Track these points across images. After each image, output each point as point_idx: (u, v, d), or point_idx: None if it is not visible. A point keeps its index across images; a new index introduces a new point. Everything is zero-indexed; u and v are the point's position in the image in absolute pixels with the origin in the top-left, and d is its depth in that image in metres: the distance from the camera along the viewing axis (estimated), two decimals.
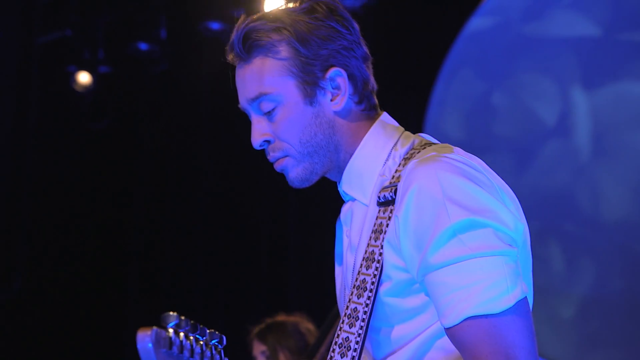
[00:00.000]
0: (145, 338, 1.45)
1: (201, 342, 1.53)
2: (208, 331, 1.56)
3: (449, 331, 1.64)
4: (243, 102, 1.84)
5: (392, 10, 5.81)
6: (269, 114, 1.79)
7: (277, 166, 1.83)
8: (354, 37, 1.83)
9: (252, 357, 3.58)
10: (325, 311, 3.61)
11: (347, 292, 1.79)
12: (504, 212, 1.65)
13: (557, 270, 5.06)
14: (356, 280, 1.72)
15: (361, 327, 1.68)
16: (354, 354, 1.68)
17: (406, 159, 1.75)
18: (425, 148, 1.75)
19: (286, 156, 1.80)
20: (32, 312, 6.28)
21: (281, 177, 5.84)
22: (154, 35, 6.16)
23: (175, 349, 1.47)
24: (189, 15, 6.01)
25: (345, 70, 1.80)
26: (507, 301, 1.61)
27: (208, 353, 1.54)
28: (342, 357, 1.69)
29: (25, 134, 6.40)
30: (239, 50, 1.80)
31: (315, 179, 1.83)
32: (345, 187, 1.84)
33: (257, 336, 3.58)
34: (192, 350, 1.51)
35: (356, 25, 1.84)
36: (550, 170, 5.20)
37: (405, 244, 1.64)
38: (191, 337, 1.52)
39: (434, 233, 1.62)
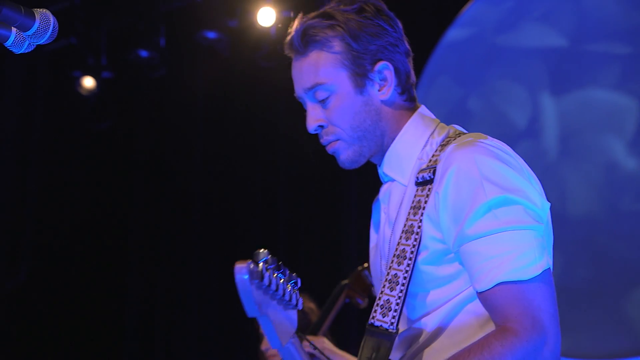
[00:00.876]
0: (242, 270, 1.51)
1: (282, 280, 1.59)
2: (288, 272, 1.62)
3: (482, 295, 1.72)
4: (299, 91, 1.94)
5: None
6: (323, 102, 1.90)
7: (330, 148, 1.94)
8: (398, 35, 1.92)
9: (259, 334, 3.52)
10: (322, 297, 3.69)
11: (383, 262, 1.89)
12: (533, 192, 1.74)
13: None
14: (396, 250, 1.80)
15: (401, 291, 1.75)
16: (394, 314, 1.75)
17: (443, 145, 1.84)
18: (460, 136, 1.85)
19: (338, 140, 1.91)
20: (37, 301, 6.24)
21: (273, 176, 5.91)
22: (154, 43, 6.15)
23: (265, 282, 1.53)
24: (186, 25, 6.03)
25: (392, 63, 1.90)
26: (534, 270, 1.69)
27: (288, 290, 1.59)
28: (383, 317, 1.76)
29: (32, 132, 6.46)
30: (297, 45, 1.91)
31: (363, 161, 1.93)
32: (386, 168, 1.93)
33: None
34: (277, 285, 1.56)
35: (400, 24, 1.95)
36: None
37: (444, 217, 1.74)
38: (275, 274, 1.57)
39: (471, 207, 1.71)
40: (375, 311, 1.78)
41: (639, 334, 4.69)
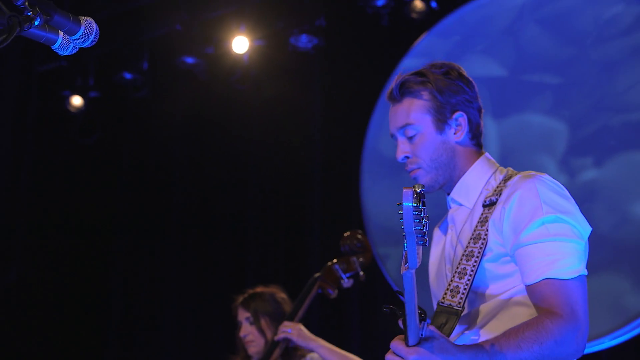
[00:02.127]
0: (409, 193, 1.61)
1: (426, 216, 1.67)
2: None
3: (530, 288, 1.95)
4: (393, 129, 2.20)
5: (339, 50, 5.89)
6: (410, 139, 2.15)
7: (412, 175, 2.18)
8: (473, 94, 2.20)
9: (237, 322, 3.61)
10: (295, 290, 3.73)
11: (448, 266, 2.15)
12: (580, 216, 2.00)
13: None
14: (465, 251, 2.03)
15: (468, 280, 1.99)
16: (462, 296, 1.98)
17: (505, 179, 2.10)
18: (518, 173, 2.11)
19: (419, 168, 2.16)
20: (27, 299, 6.21)
21: (245, 188, 5.98)
22: (137, 66, 6.22)
23: (421, 208, 1.63)
24: (167, 51, 6.08)
25: (466, 114, 2.17)
26: (573, 272, 1.92)
27: (427, 227, 1.67)
28: (452, 298, 1.98)
29: (25, 144, 6.48)
30: (395, 94, 2.18)
31: (437, 187, 2.18)
32: (455, 195, 2.18)
33: (241, 304, 3.59)
34: (423, 218, 1.65)
35: (476, 87, 2.22)
36: None
37: (506, 227, 1.98)
38: (424, 209, 1.66)
39: (529, 221, 1.95)
40: (445, 294, 1.99)
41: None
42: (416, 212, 1.62)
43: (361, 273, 3.47)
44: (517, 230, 1.97)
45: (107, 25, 6.25)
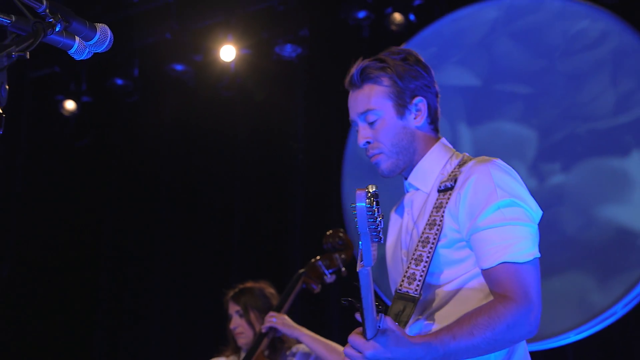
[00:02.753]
0: (362, 197, 1.57)
1: (380, 216, 1.64)
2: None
3: (486, 272, 1.90)
4: (353, 115, 2.14)
5: (321, 59, 5.88)
6: (371, 124, 2.09)
7: (373, 160, 2.12)
8: (430, 80, 2.14)
9: (228, 315, 3.63)
10: (277, 285, 3.80)
11: (404, 250, 2.09)
12: (532, 201, 1.96)
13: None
14: (421, 237, 1.98)
15: (424, 267, 1.94)
16: (418, 283, 1.93)
17: (460, 165, 2.04)
18: (473, 158, 2.06)
19: (381, 153, 2.10)
20: (19, 296, 6.20)
21: (230, 188, 5.97)
22: (128, 73, 6.21)
23: (374, 208, 1.60)
24: (157, 58, 6.07)
25: (426, 99, 2.11)
26: (528, 256, 1.87)
27: (381, 225, 1.64)
28: (409, 285, 1.93)
29: (19, 146, 6.46)
30: (356, 80, 2.12)
31: (398, 171, 2.13)
32: (412, 179, 2.12)
33: (231, 298, 3.60)
34: (376, 218, 1.61)
35: (432, 72, 2.17)
36: None
37: (462, 212, 1.94)
38: (378, 209, 1.62)
39: (484, 206, 1.90)
40: (402, 281, 1.95)
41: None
42: (370, 212, 1.59)
43: (343, 269, 3.48)
44: (472, 215, 1.92)
45: None
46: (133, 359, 6.30)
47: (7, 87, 1.45)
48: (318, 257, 3.51)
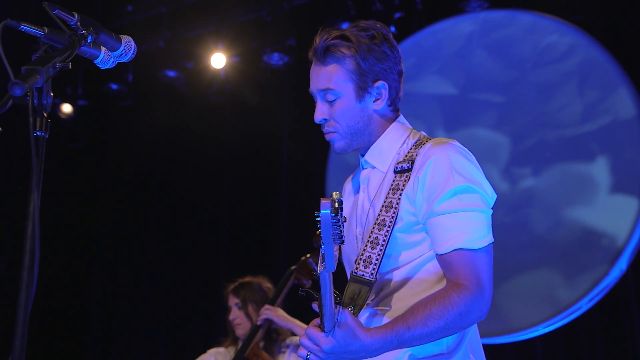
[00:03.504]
0: (327, 206, 1.50)
1: (343, 219, 1.56)
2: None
3: (441, 257, 1.82)
4: (313, 89, 2.01)
5: (307, 67, 5.89)
6: (330, 102, 1.97)
7: (327, 137, 2.01)
8: (396, 60, 2.00)
9: (227, 307, 3.63)
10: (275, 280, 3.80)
11: (359, 229, 1.97)
12: (488, 185, 1.87)
13: None
14: (377, 220, 1.87)
15: (380, 250, 1.84)
16: (374, 267, 1.84)
17: (416, 145, 1.94)
18: (429, 139, 1.95)
19: (335, 132, 1.98)
20: (14, 290, 6.16)
21: (218, 188, 5.90)
22: (123, 78, 6.21)
23: (337, 219, 1.52)
24: (151, 65, 6.07)
25: (387, 83, 1.97)
26: (483, 242, 1.81)
27: (343, 228, 1.56)
28: (365, 269, 1.84)
29: (15, 147, 6.40)
30: (319, 55, 1.97)
31: (350, 151, 2.00)
32: (368, 158, 2.00)
33: (232, 291, 3.60)
34: (340, 224, 1.54)
35: (399, 49, 2.03)
36: None
37: (419, 196, 1.84)
38: (341, 214, 1.54)
39: (441, 190, 1.81)
40: (358, 264, 1.84)
41: (504, 317, 4.80)
42: (334, 221, 1.52)
43: None
44: (429, 200, 1.83)
45: None
46: (125, 353, 6.28)
47: (52, 94, 1.45)
48: (308, 255, 3.53)
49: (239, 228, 6.12)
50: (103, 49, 1.64)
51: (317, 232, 3.59)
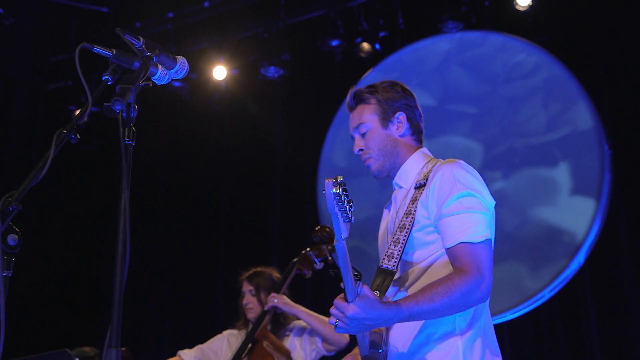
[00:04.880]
0: (329, 185, 1.64)
1: (348, 200, 1.70)
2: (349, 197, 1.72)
3: (448, 250, 1.98)
4: (351, 130, 2.27)
5: (300, 79, 5.97)
6: (363, 135, 2.22)
7: (365, 163, 2.23)
8: (413, 102, 2.27)
9: (241, 292, 3.64)
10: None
11: (389, 235, 2.15)
12: (486, 193, 2.04)
13: None
14: (400, 224, 2.06)
15: (401, 247, 2.02)
16: (396, 260, 2.01)
17: (432, 166, 2.13)
18: (443, 160, 2.14)
19: (370, 157, 2.21)
20: (30, 279, 5.96)
21: (217, 189, 5.87)
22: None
23: (340, 196, 1.66)
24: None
25: (405, 113, 2.23)
26: (481, 237, 1.95)
27: (349, 207, 1.70)
28: (388, 262, 2.01)
29: (33, 148, 6.41)
30: (351, 103, 2.27)
31: (385, 172, 2.23)
32: (397, 180, 2.22)
33: (246, 279, 3.62)
34: (344, 201, 1.68)
35: (416, 99, 2.30)
36: None
37: (430, 203, 2.03)
38: (345, 194, 1.69)
39: (447, 197, 1.99)
40: (383, 259, 2.02)
41: None
42: (337, 197, 1.64)
43: (329, 258, 3.55)
44: (438, 204, 1.99)
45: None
46: (132, 334, 6.25)
47: (136, 107, 1.55)
48: (309, 248, 3.56)
49: (237, 224, 6.12)
50: (160, 67, 1.70)
51: (317, 228, 3.64)
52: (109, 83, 1.64)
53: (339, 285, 1.84)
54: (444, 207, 1.99)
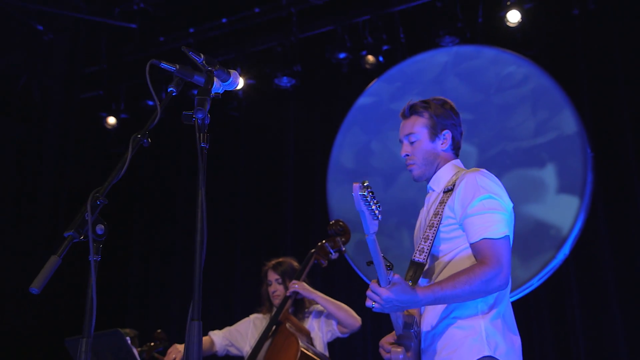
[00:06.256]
0: (357, 188, 1.69)
1: (375, 201, 1.76)
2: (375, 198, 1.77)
3: (472, 245, 2.07)
4: (401, 136, 2.33)
5: (310, 88, 5.97)
6: (412, 143, 2.30)
7: (408, 168, 2.32)
8: (458, 122, 2.35)
9: (267, 280, 3.65)
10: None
11: (422, 231, 2.23)
12: (505, 196, 2.14)
13: (406, 246, 5.03)
14: (429, 223, 2.17)
15: (430, 243, 2.12)
16: (426, 254, 2.11)
17: (460, 174, 2.22)
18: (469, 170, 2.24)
19: (414, 164, 2.30)
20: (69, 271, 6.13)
21: (234, 187, 5.88)
22: (157, 96, 6.15)
23: (367, 197, 1.72)
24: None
25: (451, 132, 2.32)
26: (502, 233, 2.05)
27: (376, 206, 1.77)
28: (420, 255, 2.11)
29: (68, 151, 6.46)
30: (407, 112, 2.33)
31: (424, 178, 2.31)
32: (431, 184, 2.31)
33: (272, 268, 3.63)
34: (371, 201, 1.74)
35: (460, 118, 2.37)
36: (403, 188, 5.20)
37: (457, 205, 2.13)
38: (371, 195, 1.74)
39: (471, 199, 2.09)
40: (415, 253, 2.13)
41: None
42: (363, 198, 1.70)
43: (343, 248, 3.58)
44: (463, 206, 2.08)
45: (135, 65, 6.29)
46: (158, 314, 6.28)
47: (209, 115, 1.61)
48: (324, 240, 3.59)
49: (253, 219, 6.12)
50: (216, 79, 1.75)
51: (331, 222, 3.67)
52: (173, 94, 1.71)
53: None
54: (468, 207, 2.08)
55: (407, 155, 2.30)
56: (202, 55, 1.70)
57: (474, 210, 2.06)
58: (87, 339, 1.30)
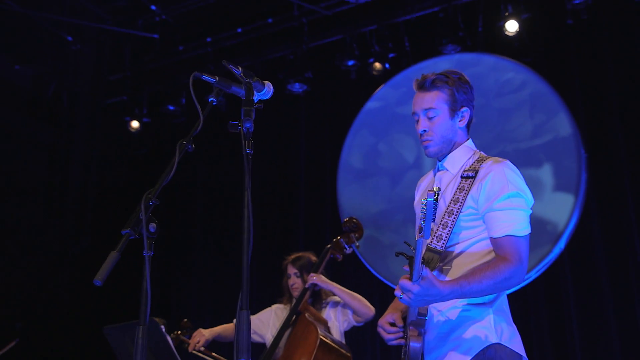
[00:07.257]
0: (432, 194, 1.64)
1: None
2: None
3: (494, 240, 1.97)
4: (417, 109, 2.16)
5: (321, 94, 5.98)
6: (430, 118, 2.14)
7: (424, 144, 2.16)
8: (473, 96, 2.21)
9: (287, 274, 3.66)
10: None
11: (438, 217, 2.06)
12: (529, 193, 2.05)
13: (411, 241, 5.16)
14: (447, 209, 2.05)
15: (449, 231, 2.03)
16: (444, 242, 2.02)
17: (478, 160, 2.12)
18: (489, 157, 2.12)
19: (431, 140, 2.15)
20: (97, 265, 6.14)
21: (251, 189, 5.76)
22: (177, 101, 6.25)
23: (436, 203, 1.68)
24: (198, 91, 6.08)
25: (469, 109, 2.19)
26: (525, 232, 1.97)
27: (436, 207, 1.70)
28: (437, 242, 2.02)
29: (95, 152, 6.48)
30: (428, 85, 2.14)
31: (438, 155, 2.16)
32: (445, 163, 2.17)
33: (291, 262, 3.64)
34: (437, 204, 1.71)
35: (474, 91, 2.22)
36: (409, 187, 4.66)
37: (482, 197, 2.01)
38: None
39: (499, 194, 1.98)
40: (432, 240, 2.03)
41: None
42: (435, 206, 1.68)
43: (357, 244, 3.62)
44: (489, 199, 1.97)
45: (157, 72, 6.31)
46: (178, 308, 6.27)
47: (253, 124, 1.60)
48: (339, 236, 3.61)
49: (268, 217, 6.10)
50: None
51: (345, 219, 3.69)
52: (214, 104, 1.76)
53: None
54: (495, 202, 1.98)
55: (425, 130, 2.15)
56: (240, 68, 1.74)
57: (500, 205, 1.97)
58: (143, 326, 1.35)
